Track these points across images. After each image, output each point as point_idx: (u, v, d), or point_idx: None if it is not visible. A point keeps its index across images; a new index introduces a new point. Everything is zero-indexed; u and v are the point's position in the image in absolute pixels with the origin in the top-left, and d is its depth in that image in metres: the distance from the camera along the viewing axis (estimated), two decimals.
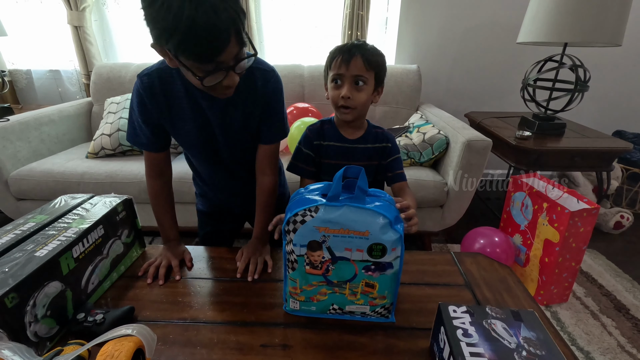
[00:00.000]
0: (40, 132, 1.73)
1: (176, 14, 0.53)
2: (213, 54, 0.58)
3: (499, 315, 0.57)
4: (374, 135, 0.94)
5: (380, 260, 0.61)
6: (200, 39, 0.55)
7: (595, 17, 1.43)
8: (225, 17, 0.55)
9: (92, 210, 0.77)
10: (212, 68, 0.60)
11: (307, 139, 0.94)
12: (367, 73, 0.83)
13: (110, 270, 0.77)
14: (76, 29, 2.10)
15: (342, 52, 0.83)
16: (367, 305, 0.66)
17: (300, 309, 0.68)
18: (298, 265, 0.63)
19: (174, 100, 0.75)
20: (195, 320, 0.68)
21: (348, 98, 0.83)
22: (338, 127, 0.93)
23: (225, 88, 0.66)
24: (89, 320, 0.63)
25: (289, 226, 0.60)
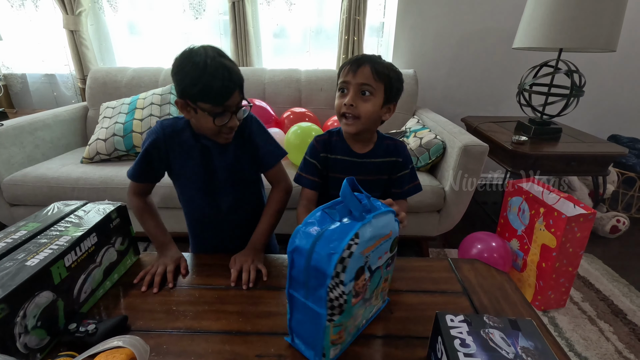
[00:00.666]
0: (34, 137, 1.71)
1: (200, 69, 0.74)
2: (224, 97, 0.77)
3: (496, 324, 0.57)
4: (385, 147, 0.92)
5: (395, 251, 0.64)
6: (218, 85, 0.75)
7: (590, 23, 1.44)
8: (233, 72, 0.77)
9: (86, 217, 0.76)
10: (221, 110, 0.78)
11: (313, 149, 0.92)
12: (375, 84, 0.81)
13: (104, 278, 0.76)
14: (72, 33, 2.09)
15: (351, 61, 0.82)
16: (381, 299, 0.68)
17: (341, 349, 0.60)
18: (347, 304, 0.54)
19: (182, 147, 0.88)
20: (190, 330, 0.67)
21: (351, 106, 0.81)
22: (346, 140, 0.91)
23: (228, 130, 0.82)
24: (81, 330, 0.62)
25: (338, 268, 0.51)
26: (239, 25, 2.10)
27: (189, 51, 0.77)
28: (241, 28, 2.10)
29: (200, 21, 2.23)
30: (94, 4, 2.18)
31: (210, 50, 0.77)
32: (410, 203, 1.52)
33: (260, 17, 2.24)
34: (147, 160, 0.88)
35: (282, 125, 1.86)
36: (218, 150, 0.89)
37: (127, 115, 1.71)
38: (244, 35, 2.12)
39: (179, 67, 0.77)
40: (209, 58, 0.75)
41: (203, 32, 2.30)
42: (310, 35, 2.31)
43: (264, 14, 2.21)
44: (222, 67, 0.75)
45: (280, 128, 1.82)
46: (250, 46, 2.16)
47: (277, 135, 1.72)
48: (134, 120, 1.69)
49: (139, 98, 1.78)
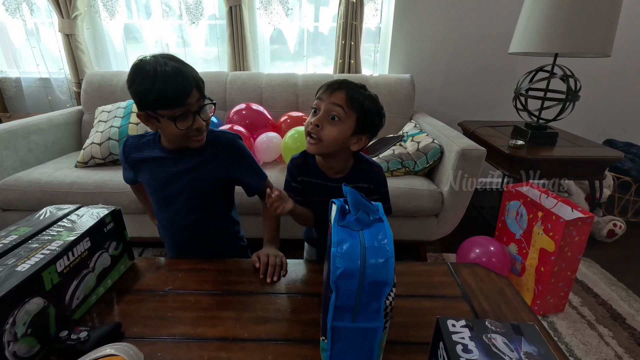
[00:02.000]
0: (28, 140, 1.69)
1: (152, 77, 0.73)
2: (182, 97, 0.75)
3: (499, 329, 0.56)
4: (359, 173, 0.88)
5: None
6: (172, 86, 0.74)
7: (585, 29, 1.46)
8: (187, 72, 0.76)
9: (79, 221, 0.75)
10: (182, 112, 0.77)
11: (291, 174, 0.91)
12: (347, 110, 0.77)
13: (97, 284, 0.74)
14: (67, 37, 2.08)
15: (330, 83, 0.80)
16: None
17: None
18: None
19: (144, 158, 0.91)
20: (185, 337, 0.65)
21: (317, 126, 0.77)
22: (319, 164, 0.88)
23: (196, 132, 0.82)
24: (73, 338, 0.60)
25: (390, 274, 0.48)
26: (236, 30, 2.10)
27: (138, 62, 0.76)
28: (238, 33, 2.10)
29: (197, 26, 2.23)
30: (90, 8, 2.17)
31: (160, 58, 0.76)
32: (408, 207, 1.53)
33: (257, 22, 2.24)
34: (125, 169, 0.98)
35: (279, 129, 1.85)
36: (175, 160, 0.89)
37: (122, 119, 1.70)
38: (241, 40, 2.12)
39: (132, 80, 0.76)
40: (159, 65, 0.74)
41: (200, 37, 2.29)
42: (307, 40, 2.31)
43: (261, 19, 2.22)
44: (173, 70, 0.74)
45: (277, 132, 1.82)
46: (247, 51, 2.16)
47: (274, 139, 1.71)
48: (129, 124, 1.68)
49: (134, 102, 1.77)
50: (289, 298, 0.76)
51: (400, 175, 1.62)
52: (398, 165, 1.61)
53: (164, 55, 0.77)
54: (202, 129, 0.82)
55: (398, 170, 1.61)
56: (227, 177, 0.93)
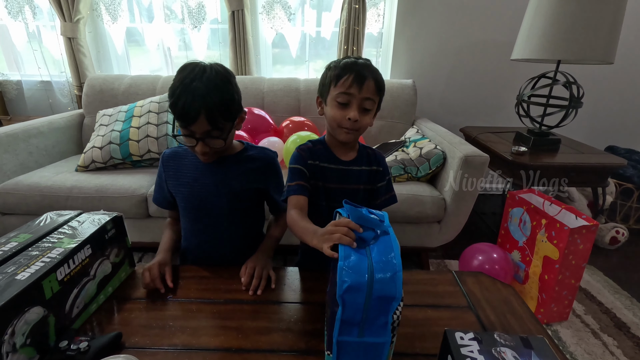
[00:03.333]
0: (28, 144, 1.68)
1: (174, 90, 0.77)
2: (186, 120, 0.77)
3: (508, 343, 0.54)
4: (367, 156, 0.90)
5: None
6: (180, 106, 0.76)
7: (587, 36, 1.46)
8: (199, 99, 0.75)
9: (80, 228, 0.74)
10: (187, 133, 0.80)
11: (299, 157, 0.85)
12: (376, 97, 0.80)
13: (97, 292, 0.73)
14: (69, 40, 2.08)
15: (352, 72, 0.77)
16: None
17: None
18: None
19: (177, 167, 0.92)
20: (187, 347, 0.64)
21: (355, 121, 0.79)
22: (331, 148, 0.88)
23: (200, 154, 0.83)
24: (73, 348, 0.58)
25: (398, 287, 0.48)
26: (238, 35, 2.10)
27: (185, 64, 0.79)
28: (240, 37, 2.10)
29: (199, 30, 2.23)
30: (93, 12, 2.17)
31: (199, 71, 0.77)
32: (410, 214, 1.51)
33: (259, 27, 2.24)
34: (159, 186, 0.96)
35: (280, 134, 1.85)
36: (215, 170, 0.89)
37: (124, 123, 1.69)
38: (243, 45, 2.12)
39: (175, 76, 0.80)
40: (188, 77, 0.76)
41: (202, 41, 2.29)
42: (309, 45, 2.31)
43: (264, 24, 2.22)
44: (193, 91, 0.75)
45: (279, 137, 1.81)
46: (249, 55, 2.16)
47: (276, 144, 1.70)
48: (130, 128, 1.67)
49: (136, 106, 1.76)
50: (292, 307, 0.75)
51: (403, 181, 1.61)
52: (400, 171, 1.60)
53: (204, 68, 0.77)
54: (205, 154, 0.83)
55: (400, 176, 1.60)
56: (261, 190, 0.94)
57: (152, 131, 1.67)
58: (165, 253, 0.88)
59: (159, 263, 0.82)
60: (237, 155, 0.92)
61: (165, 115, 1.73)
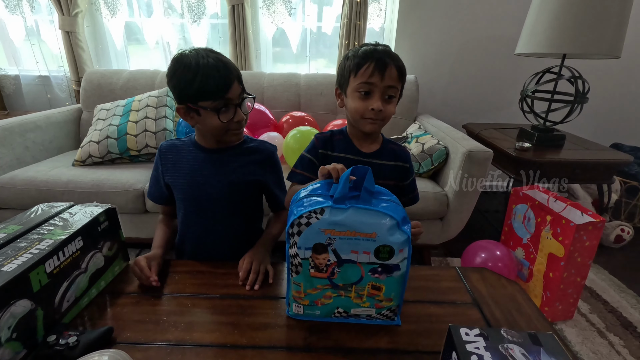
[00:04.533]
0: (24, 138, 1.66)
1: (194, 69, 0.74)
2: (223, 90, 0.76)
3: (515, 339, 0.52)
4: (390, 151, 0.87)
5: (388, 262, 0.60)
6: (214, 78, 0.74)
7: (594, 29, 1.43)
8: (229, 65, 0.77)
9: (71, 220, 0.71)
10: (223, 104, 0.77)
11: (312, 146, 0.87)
12: (399, 84, 0.78)
13: (89, 286, 0.71)
14: (68, 34, 2.06)
15: (373, 60, 0.74)
16: (373, 307, 0.65)
17: (304, 313, 0.66)
18: (302, 268, 0.61)
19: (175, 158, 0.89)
20: (181, 343, 0.61)
21: (380, 111, 0.76)
22: (352, 138, 0.86)
23: (236, 125, 0.81)
24: (61, 343, 0.56)
25: (293, 229, 0.57)
26: (239, 29, 2.07)
27: (179, 55, 0.77)
28: (240, 32, 2.08)
29: (198, 25, 2.20)
30: (91, 6, 2.15)
31: (202, 51, 0.77)
32: (413, 210, 1.49)
33: (260, 21, 2.22)
34: (155, 180, 0.93)
35: (280, 129, 1.82)
36: (214, 162, 0.88)
37: (121, 118, 1.67)
38: (244, 40, 2.10)
39: (173, 73, 0.77)
40: (201, 57, 0.75)
41: (202, 35, 2.27)
42: (310, 40, 2.29)
43: (264, 18, 2.19)
44: (216, 61, 0.76)
45: (279, 132, 1.79)
46: (250, 50, 2.14)
47: (276, 139, 1.68)
48: (128, 122, 1.64)
49: (134, 100, 1.74)
50: None
51: None
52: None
53: (204, 49, 0.78)
54: (242, 122, 0.83)
55: None
56: (260, 183, 0.92)
57: (150, 125, 1.64)
58: (157, 250, 0.85)
59: (146, 257, 0.79)
60: (237, 146, 0.90)
61: (163, 110, 1.71)
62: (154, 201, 0.96)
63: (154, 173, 0.93)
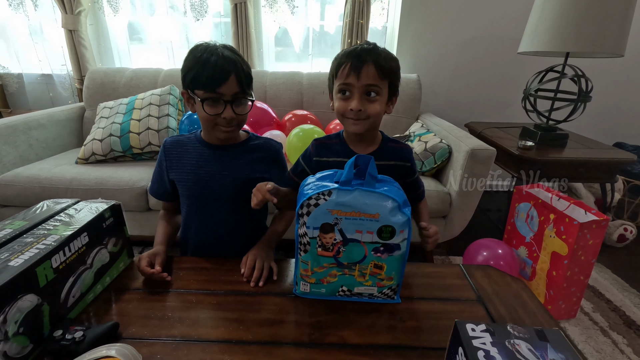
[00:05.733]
0: (28, 136, 1.66)
1: (197, 59, 0.77)
2: (214, 84, 0.76)
3: (522, 335, 0.52)
4: (390, 150, 0.84)
5: (389, 242, 0.64)
6: (209, 70, 0.75)
7: (597, 27, 1.42)
8: (229, 61, 0.77)
9: (77, 216, 0.71)
10: (214, 97, 0.78)
11: (307, 153, 0.87)
12: (381, 82, 0.74)
13: (94, 281, 0.71)
14: (71, 32, 2.06)
15: (350, 58, 0.73)
16: (375, 286, 0.69)
17: (311, 291, 0.70)
18: (310, 247, 0.65)
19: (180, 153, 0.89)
20: (186, 338, 0.62)
21: (359, 111, 0.75)
22: (347, 142, 0.84)
23: (224, 122, 0.80)
24: (67, 338, 0.56)
25: (303, 209, 0.62)
26: (241, 28, 2.07)
27: (195, 46, 0.80)
28: (243, 31, 2.08)
29: (201, 23, 2.21)
30: (94, 4, 2.15)
31: (217, 45, 0.79)
32: None
33: (262, 20, 2.22)
34: (159, 175, 0.93)
35: (283, 127, 1.82)
36: (218, 158, 0.88)
37: (124, 116, 1.67)
38: (246, 38, 2.10)
39: (184, 60, 0.80)
40: (209, 50, 0.77)
41: (204, 34, 2.27)
42: (312, 39, 2.29)
43: (266, 17, 2.19)
44: (218, 55, 0.76)
45: (282, 130, 1.79)
46: (252, 49, 2.14)
47: (279, 137, 1.68)
48: (131, 120, 1.65)
49: (137, 98, 1.74)
50: (295, 299, 0.72)
51: None
52: None
53: (222, 45, 0.80)
54: (232, 121, 0.81)
55: None
56: (265, 181, 0.89)
57: (153, 124, 1.65)
58: (159, 246, 0.85)
59: (149, 254, 0.79)
60: (242, 144, 0.90)
61: (166, 108, 1.71)
62: (157, 197, 0.96)
63: (157, 169, 0.93)
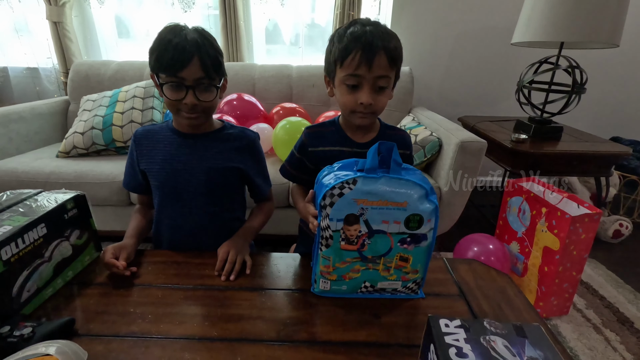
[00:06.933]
0: (7, 129, 1.61)
1: (161, 40, 0.73)
2: (175, 67, 0.72)
3: (499, 331, 0.48)
4: (390, 138, 0.79)
5: (416, 232, 0.61)
6: (169, 53, 0.71)
7: (592, 16, 1.38)
8: (192, 44, 0.72)
9: (35, 206, 0.67)
10: (175, 82, 0.74)
11: (302, 144, 0.83)
12: (391, 72, 0.70)
13: (54, 275, 0.67)
14: (55, 24, 2.01)
15: (360, 47, 0.66)
16: (400, 280, 0.66)
17: (331, 289, 0.66)
18: (333, 241, 0.61)
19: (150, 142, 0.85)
20: (146, 335, 0.58)
21: (370, 104, 0.70)
22: (344, 129, 0.80)
23: (186, 108, 0.76)
24: (15, 334, 0.53)
25: (326, 200, 0.58)
26: (230, 20, 2.03)
27: (164, 26, 0.76)
28: (232, 23, 2.03)
29: (189, 15, 2.16)
30: None
31: (184, 28, 0.75)
32: None
33: (251, 12, 2.17)
34: (130, 167, 0.89)
35: (271, 120, 1.78)
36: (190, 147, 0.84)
37: (107, 108, 1.63)
38: (235, 30, 2.05)
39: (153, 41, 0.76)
40: (174, 32, 0.73)
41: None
42: (303, 31, 2.24)
43: (256, 9, 2.15)
44: (182, 37, 0.72)
45: (269, 124, 1.74)
46: (241, 41, 2.09)
47: (265, 130, 1.64)
48: (114, 113, 1.60)
49: (121, 91, 1.70)
50: (266, 294, 0.69)
51: None
52: None
53: (192, 27, 0.76)
54: (195, 107, 0.76)
55: None
56: (241, 171, 0.88)
57: (137, 117, 1.60)
58: (128, 239, 0.81)
59: (114, 247, 0.75)
60: (216, 132, 0.87)
61: (151, 101, 1.67)
62: (130, 190, 0.93)
63: (129, 161, 0.89)
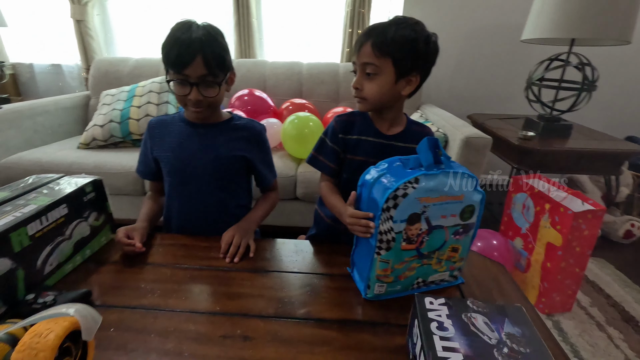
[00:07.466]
0: (34, 122, 1.71)
1: (170, 37, 0.77)
2: (180, 66, 0.77)
3: (480, 309, 0.51)
4: (415, 134, 0.82)
5: (468, 222, 0.63)
6: (175, 50, 0.76)
7: (603, 12, 1.37)
8: (197, 42, 0.75)
9: (57, 188, 0.73)
10: (180, 78, 0.78)
11: (333, 130, 0.85)
12: (379, 61, 0.72)
13: (74, 252, 0.73)
14: (78, 23, 2.11)
15: (357, 39, 0.76)
16: (448, 270, 0.68)
17: (386, 291, 0.65)
18: (395, 243, 0.60)
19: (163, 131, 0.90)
20: (155, 307, 0.63)
21: (356, 89, 0.77)
22: (372, 119, 0.83)
23: (192, 103, 0.81)
24: (39, 302, 0.58)
25: (389, 203, 0.57)
26: (242, 17, 2.08)
27: (178, 21, 0.79)
28: (244, 20, 2.09)
29: (204, 13, 2.22)
30: None
31: (193, 25, 0.78)
32: None
33: (263, 9, 2.22)
34: (144, 155, 0.94)
35: (280, 116, 1.83)
36: (200, 136, 0.88)
37: (125, 102, 1.70)
38: (247, 27, 2.11)
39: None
40: (182, 29, 0.77)
41: None
42: (314, 28, 2.28)
43: (267, 6, 2.19)
44: (188, 35, 0.76)
45: (279, 119, 1.79)
46: (253, 38, 2.15)
47: (274, 125, 1.68)
48: (131, 107, 1.68)
49: (138, 86, 1.78)
50: (268, 275, 0.73)
51: None
52: None
53: (201, 24, 0.79)
54: (199, 103, 0.81)
55: None
56: (247, 160, 0.92)
57: (152, 110, 1.67)
58: (140, 223, 0.87)
59: (127, 229, 0.81)
60: (224, 123, 0.92)
61: (166, 95, 1.73)
62: (142, 177, 0.98)
63: (143, 149, 0.94)
